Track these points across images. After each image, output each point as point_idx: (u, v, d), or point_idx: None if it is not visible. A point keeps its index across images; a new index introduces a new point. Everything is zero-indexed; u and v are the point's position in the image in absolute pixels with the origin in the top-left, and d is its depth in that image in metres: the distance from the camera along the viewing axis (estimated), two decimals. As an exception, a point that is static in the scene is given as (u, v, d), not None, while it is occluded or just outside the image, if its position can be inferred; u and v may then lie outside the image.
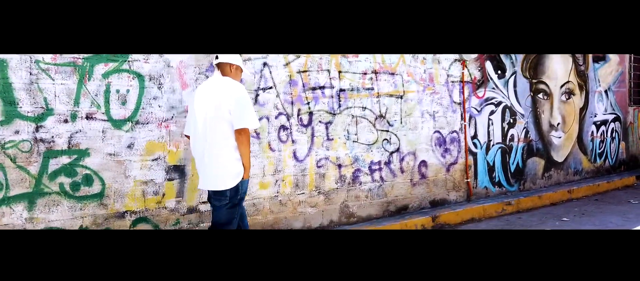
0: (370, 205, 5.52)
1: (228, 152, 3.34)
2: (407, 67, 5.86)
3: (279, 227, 4.78)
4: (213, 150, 3.34)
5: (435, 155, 6.19)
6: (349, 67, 5.31)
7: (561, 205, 7.08)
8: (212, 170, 3.37)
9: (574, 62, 8.21)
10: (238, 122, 3.30)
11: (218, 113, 3.32)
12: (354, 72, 5.35)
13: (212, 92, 3.41)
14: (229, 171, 3.34)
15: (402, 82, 5.82)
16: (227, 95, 3.33)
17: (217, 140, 3.33)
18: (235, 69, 3.57)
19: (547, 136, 7.78)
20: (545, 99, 7.73)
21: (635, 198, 7.52)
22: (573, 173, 8.29)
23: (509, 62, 7.11)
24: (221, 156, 3.34)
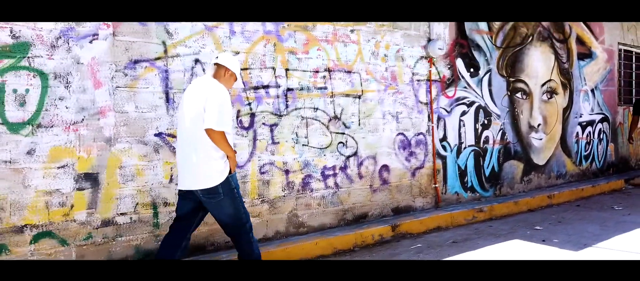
0: (324, 214, 5.11)
1: (209, 151, 3.33)
2: (366, 65, 5.44)
3: (214, 240, 4.37)
4: (198, 149, 3.34)
5: (399, 159, 5.76)
6: (298, 65, 4.90)
7: (539, 212, 6.65)
8: (199, 169, 3.34)
9: (556, 59, 7.77)
10: (207, 122, 3.28)
11: (199, 112, 3.33)
12: (303, 69, 4.94)
13: (197, 91, 3.41)
14: (213, 168, 3.34)
15: (360, 81, 5.40)
16: (206, 95, 3.33)
17: (199, 139, 3.33)
18: (229, 75, 3.58)
19: (526, 138, 7.34)
20: (525, 99, 7.29)
21: (620, 203, 7.07)
22: (556, 176, 7.84)
23: (482, 59, 6.68)
24: (204, 155, 3.34)
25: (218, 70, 3.57)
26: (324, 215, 5.12)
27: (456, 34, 6.35)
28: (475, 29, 6.57)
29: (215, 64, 3.59)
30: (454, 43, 6.33)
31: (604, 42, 8.79)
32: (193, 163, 3.36)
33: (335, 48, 5.18)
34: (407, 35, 5.83)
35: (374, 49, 5.52)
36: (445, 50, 6.05)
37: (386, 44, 5.63)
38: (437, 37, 6.10)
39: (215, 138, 3.31)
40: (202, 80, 3.52)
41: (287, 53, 4.83)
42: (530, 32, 7.31)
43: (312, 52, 5.00)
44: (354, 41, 5.34)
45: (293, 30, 4.86)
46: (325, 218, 5.12)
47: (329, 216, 5.15)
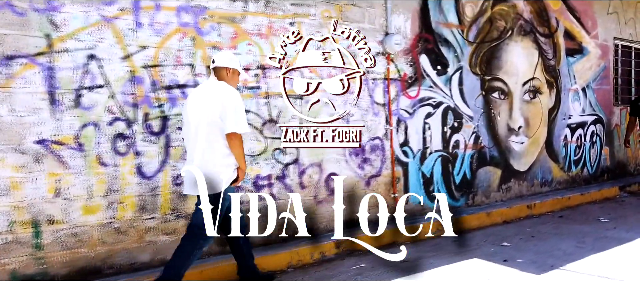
0: (258, 228, 4.53)
1: (218, 158, 3.32)
2: (309, 61, 4.85)
3: (115, 262, 3.82)
4: (205, 155, 3.30)
5: (350, 166, 5.17)
6: (222, 61, 4.33)
7: (515, 224, 6.01)
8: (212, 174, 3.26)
9: (541, 55, 7.10)
10: (228, 127, 3.27)
11: (210, 118, 3.30)
12: (230, 67, 4.37)
13: (205, 97, 3.37)
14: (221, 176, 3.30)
15: (302, 80, 4.81)
16: (219, 100, 3.30)
17: (208, 146, 3.31)
18: (232, 73, 3.53)
19: (505, 142, 6.69)
20: (503, 99, 6.64)
21: (608, 214, 6.39)
22: (540, 183, 7.18)
23: (452, 55, 6.06)
24: (213, 162, 3.30)
25: (219, 72, 3.50)
26: (259, 229, 4.54)
27: (420, 28, 5.74)
28: (443, 22, 5.95)
29: (213, 68, 3.50)
30: (417, 38, 5.72)
31: (598, 36, 8.09)
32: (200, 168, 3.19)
33: (271, 43, 4.61)
34: (362, 29, 5.23)
35: (319, 44, 4.93)
36: (403, 46, 5.45)
37: (336, 37, 5.02)
38: (396, 31, 5.50)
39: (236, 143, 3.32)
40: (207, 85, 3.47)
41: (210, 48, 4.26)
42: (509, 26, 6.67)
43: (241, 47, 4.44)
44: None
45: (217, 22, 4.30)
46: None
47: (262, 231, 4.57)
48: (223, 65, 3.50)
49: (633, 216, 6.25)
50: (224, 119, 3.28)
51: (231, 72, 3.54)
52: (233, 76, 3.55)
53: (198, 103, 3.39)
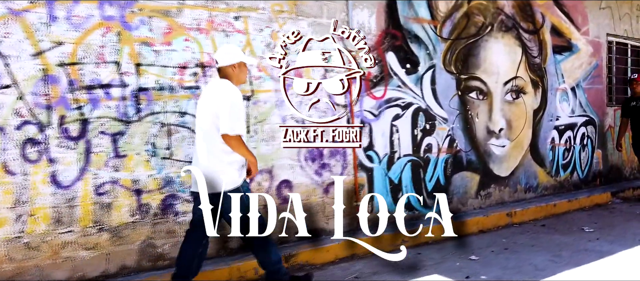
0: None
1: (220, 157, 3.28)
2: (257, 59, 4.47)
3: (24, 280, 3.46)
4: (208, 155, 3.29)
5: (306, 172, 4.78)
6: (155, 59, 3.96)
7: (492, 234, 5.59)
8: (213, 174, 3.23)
9: (525, 53, 6.67)
10: (222, 128, 3.23)
11: (209, 118, 3.29)
12: (164, 65, 4.00)
13: (208, 97, 3.36)
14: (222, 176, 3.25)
15: (249, 79, 4.44)
16: (216, 100, 3.28)
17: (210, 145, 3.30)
18: (238, 67, 3.43)
19: (484, 145, 6.26)
20: (482, 99, 6.21)
21: (595, 223, 5.95)
22: (524, 189, 6.74)
23: (423, 53, 5.64)
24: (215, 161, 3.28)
25: (225, 71, 3.41)
26: (196, 243, 4.16)
27: (387, 24, 5.34)
28: (413, 17, 5.54)
29: (218, 68, 3.44)
30: (384, 34, 5.32)
31: (589, 32, 7.63)
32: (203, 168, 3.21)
33: (212, 38, 4.23)
34: (317, 24, 4.85)
35: (269, 40, 4.55)
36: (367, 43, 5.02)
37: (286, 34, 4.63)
38: (359, 27, 5.10)
39: (231, 144, 3.27)
40: (212, 84, 3.44)
41: (139, 44, 3.89)
42: (488, 21, 6.24)
43: (177, 43, 4.06)
44: (240, 30, 4.38)
45: (147, 15, 3.93)
46: (197, 247, 4.16)
47: (202, 245, 4.19)
48: (228, 64, 3.40)
49: (620, 225, 5.80)
50: (220, 121, 3.24)
51: (237, 66, 3.43)
52: (241, 69, 3.46)
53: (201, 103, 3.40)
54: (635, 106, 7.00)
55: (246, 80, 3.63)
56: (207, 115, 3.32)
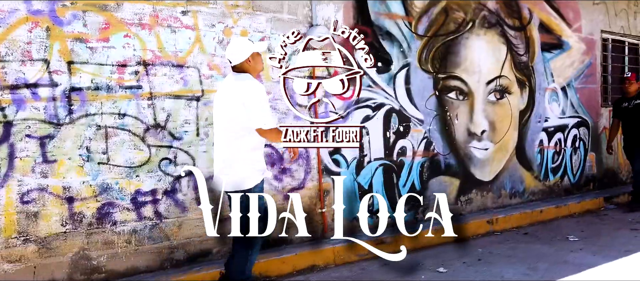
0: (137, 254, 3.87)
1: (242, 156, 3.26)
2: (209, 57, 4.18)
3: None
4: (229, 155, 3.27)
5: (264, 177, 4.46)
6: (90, 56, 3.68)
7: (470, 242, 5.25)
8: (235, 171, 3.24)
9: (510, 51, 6.32)
10: (256, 123, 3.22)
11: (229, 117, 3.26)
12: (100, 63, 3.72)
13: (228, 94, 3.30)
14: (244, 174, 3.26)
15: (199, 78, 4.15)
16: (239, 98, 3.22)
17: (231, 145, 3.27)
18: (252, 59, 3.35)
19: (464, 148, 5.92)
20: (462, 99, 5.88)
21: (582, 231, 5.60)
22: (509, 195, 6.39)
23: (396, 50, 5.32)
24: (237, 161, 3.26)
25: (241, 67, 3.34)
26: (137, 255, 3.88)
27: (355, 19, 5.03)
28: (385, 13, 5.22)
29: (233, 67, 3.37)
30: (353, 30, 4.98)
31: (581, 29, 7.26)
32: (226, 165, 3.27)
33: (157, 34, 3.95)
34: (277, 20, 4.55)
35: (222, 37, 4.26)
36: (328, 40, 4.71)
37: (242, 30, 4.36)
38: (324, 23, 4.80)
39: (269, 136, 3.29)
40: (230, 80, 3.36)
41: (71, 40, 3.61)
42: (469, 17, 5.90)
43: (115, 39, 3.78)
44: (188, 26, 4.09)
45: (81, 10, 3.65)
46: (138, 259, 3.88)
47: (144, 257, 3.91)
48: (242, 60, 3.32)
49: (608, 234, 5.44)
50: (250, 117, 3.22)
51: (251, 58, 3.35)
52: (255, 60, 3.38)
53: (220, 101, 3.34)
54: (627, 107, 6.61)
55: (263, 67, 3.56)
56: (229, 113, 3.27)
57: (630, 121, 6.54)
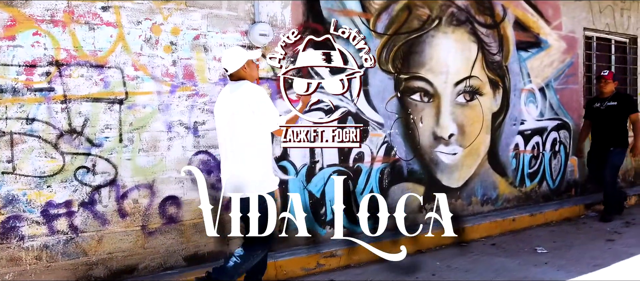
0: (49, 271, 3.56)
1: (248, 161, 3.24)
2: (134, 56, 3.86)
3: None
4: (238, 157, 3.25)
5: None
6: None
7: (429, 254, 4.92)
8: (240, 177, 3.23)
9: (481, 49, 5.96)
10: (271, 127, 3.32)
11: (234, 123, 3.24)
12: (5, 63, 3.41)
13: (230, 101, 3.29)
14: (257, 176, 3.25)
15: (122, 80, 3.83)
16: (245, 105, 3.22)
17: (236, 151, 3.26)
18: (248, 66, 3.37)
19: (430, 153, 5.57)
20: (427, 101, 5.52)
21: (553, 242, 5.25)
22: (481, 202, 6.03)
23: (353, 49, 4.95)
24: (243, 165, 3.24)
25: (237, 74, 3.35)
26: (49, 272, 3.56)
27: (305, 16, 4.69)
28: (339, 9, 4.88)
29: (230, 75, 3.38)
30: (302, 28, 4.67)
31: (561, 27, 6.88)
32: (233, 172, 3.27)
33: (73, 32, 3.63)
34: (215, 17, 4.22)
35: (149, 35, 3.93)
36: (272, 37, 4.39)
37: (173, 27, 4.03)
38: (269, 20, 4.47)
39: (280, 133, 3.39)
40: (230, 88, 3.37)
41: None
42: (435, 14, 5.55)
43: (23, 37, 3.46)
44: (110, 23, 3.77)
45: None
46: (51, 276, 3.57)
47: (57, 274, 3.59)
48: (238, 68, 3.33)
49: (581, 246, 5.08)
50: (264, 122, 3.27)
51: (247, 66, 3.36)
52: (251, 67, 3.40)
53: (222, 109, 3.34)
54: (599, 108, 6.21)
55: (258, 74, 3.57)
56: (229, 122, 3.27)
57: (601, 124, 6.15)
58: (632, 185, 8.00)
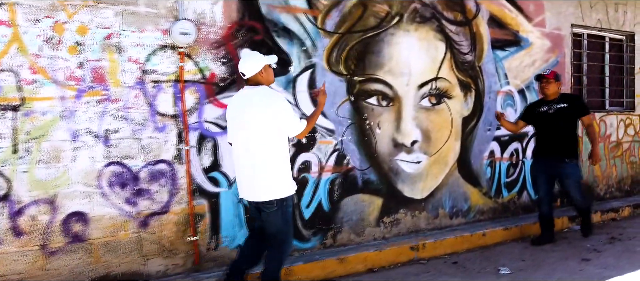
0: None
1: (273, 163, 3.33)
2: (32, 58, 3.49)
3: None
4: (258, 161, 3.32)
5: (111, 201, 3.77)
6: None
7: (382, 274, 4.50)
8: (260, 181, 3.32)
9: (450, 49, 5.48)
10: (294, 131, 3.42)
11: (259, 124, 3.30)
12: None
13: (248, 103, 3.35)
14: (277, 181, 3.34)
15: (17, 84, 3.47)
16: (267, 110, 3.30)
17: (262, 152, 3.31)
18: (265, 71, 3.45)
19: (389, 161, 5.11)
20: (386, 106, 5.07)
21: (521, 261, 4.77)
22: (450, 214, 5.55)
23: (297, 49, 4.56)
24: (268, 167, 3.32)
25: (254, 79, 3.42)
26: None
27: (240, 14, 4.28)
28: (281, 6, 4.46)
29: (247, 79, 3.46)
30: (236, 26, 4.26)
31: (545, 23, 6.36)
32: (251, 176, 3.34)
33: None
34: (131, 14, 3.83)
35: (51, 34, 3.56)
36: (195, 36, 3.99)
37: (80, 26, 3.65)
38: (196, 18, 4.07)
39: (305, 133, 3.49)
40: (246, 93, 3.44)
41: None
42: (396, 11, 5.09)
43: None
44: (2, 21, 3.42)
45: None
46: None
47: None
48: (255, 73, 3.40)
49: (551, 266, 4.58)
50: (288, 126, 3.37)
51: (263, 71, 3.43)
52: (267, 73, 3.47)
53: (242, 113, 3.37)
54: (547, 112, 5.20)
55: (274, 79, 3.59)
56: (253, 123, 3.31)
57: (551, 130, 5.18)
58: (627, 194, 7.44)
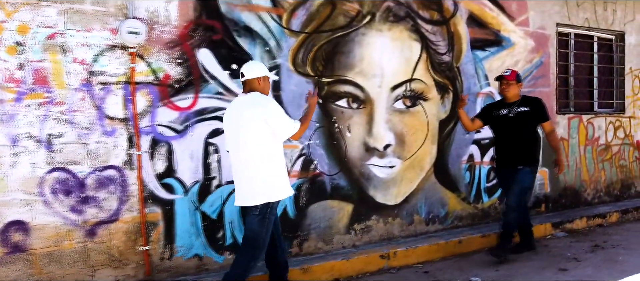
0: None
1: (264, 168, 3.38)
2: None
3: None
4: (250, 166, 3.38)
5: (54, 209, 3.59)
6: None
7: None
8: (246, 185, 3.39)
9: (426, 49, 5.27)
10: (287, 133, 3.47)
11: (251, 129, 3.35)
12: None
13: (242, 109, 3.41)
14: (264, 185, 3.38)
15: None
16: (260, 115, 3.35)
17: (253, 156, 3.37)
18: (263, 81, 3.52)
19: (360, 166, 4.91)
20: (357, 108, 4.87)
21: (495, 270, 4.55)
22: (426, 221, 5.34)
23: (260, 50, 4.36)
24: (258, 172, 3.37)
25: (251, 83, 3.48)
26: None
27: (197, 12, 4.09)
28: (242, 4, 4.27)
29: (244, 81, 3.52)
30: (193, 25, 4.07)
31: (528, 22, 6.15)
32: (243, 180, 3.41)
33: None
34: (76, 13, 3.64)
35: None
36: (145, 36, 3.79)
37: (21, 25, 3.47)
38: (149, 16, 3.88)
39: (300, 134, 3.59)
40: (242, 98, 3.49)
41: None
42: (367, 10, 4.89)
43: None
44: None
45: None
46: None
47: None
48: (254, 77, 3.47)
49: (525, 276, 4.37)
50: (280, 129, 3.41)
51: (262, 80, 3.51)
52: (265, 83, 3.54)
53: (237, 118, 3.43)
54: (507, 115, 4.80)
55: (269, 92, 3.71)
56: (245, 128, 3.37)
57: (510, 134, 4.78)
58: (617, 199, 7.21)
